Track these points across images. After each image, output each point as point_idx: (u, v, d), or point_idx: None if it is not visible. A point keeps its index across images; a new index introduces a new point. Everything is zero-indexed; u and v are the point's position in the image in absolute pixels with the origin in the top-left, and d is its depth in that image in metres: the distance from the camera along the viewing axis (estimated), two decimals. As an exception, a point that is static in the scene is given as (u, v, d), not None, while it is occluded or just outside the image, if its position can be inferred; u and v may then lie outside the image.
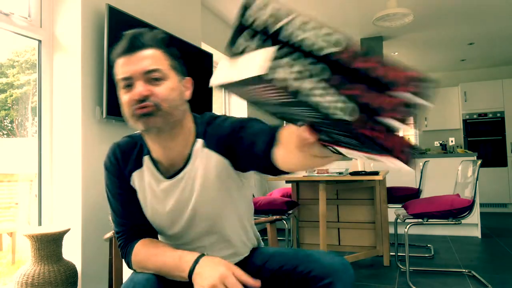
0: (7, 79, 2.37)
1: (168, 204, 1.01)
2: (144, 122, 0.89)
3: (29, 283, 1.72)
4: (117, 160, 1.03)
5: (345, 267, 0.97)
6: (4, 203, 2.49)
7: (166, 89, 0.90)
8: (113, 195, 1.04)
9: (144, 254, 0.97)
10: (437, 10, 4.04)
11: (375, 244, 3.12)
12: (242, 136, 0.91)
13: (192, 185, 0.98)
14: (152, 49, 0.92)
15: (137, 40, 0.91)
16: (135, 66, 0.89)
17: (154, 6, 2.68)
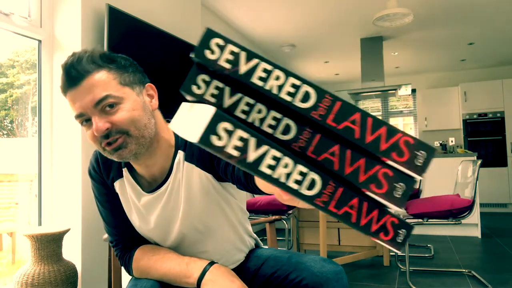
0: (7, 79, 2.37)
1: (151, 220, 0.97)
2: (118, 155, 0.84)
3: (29, 283, 1.72)
4: (100, 167, 0.99)
5: (337, 276, 0.93)
6: (4, 203, 2.49)
7: (126, 113, 0.82)
8: (101, 204, 1.01)
9: (146, 261, 0.94)
10: (437, 10, 4.04)
11: (375, 244, 3.12)
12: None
13: (176, 199, 0.94)
14: (94, 73, 0.81)
15: (74, 70, 0.80)
16: (83, 100, 0.80)
17: (154, 6, 2.68)
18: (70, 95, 0.82)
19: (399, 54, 5.70)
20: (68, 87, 0.81)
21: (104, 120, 0.81)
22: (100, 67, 0.83)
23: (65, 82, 0.81)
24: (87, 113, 0.81)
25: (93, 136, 0.83)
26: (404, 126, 7.26)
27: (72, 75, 0.80)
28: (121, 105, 0.82)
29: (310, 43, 5.12)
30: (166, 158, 0.93)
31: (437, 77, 6.98)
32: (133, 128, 0.83)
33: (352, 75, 6.98)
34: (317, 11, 4.03)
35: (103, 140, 0.82)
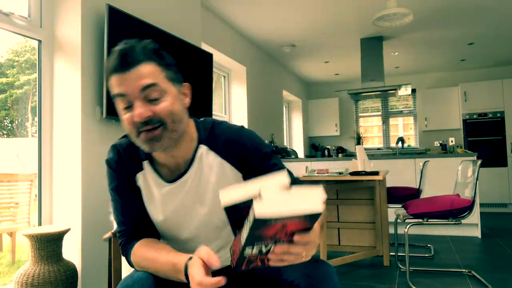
0: (7, 79, 2.37)
1: (170, 208, 1.00)
2: (150, 146, 0.89)
3: (29, 283, 1.72)
4: (122, 159, 1.02)
5: (328, 277, 0.94)
6: (4, 203, 2.49)
7: (167, 105, 0.88)
8: (117, 194, 1.02)
9: (141, 257, 0.96)
10: (437, 10, 4.04)
11: (375, 244, 3.12)
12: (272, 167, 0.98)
13: (196, 189, 0.99)
14: (145, 64, 0.87)
15: (128, 56, 0.86)
16: (130, 84, 0.85)
17: (154, 6, 2.68)
18: (118, 77, 0.86)
19: (399, 54, 5.70)
20: (119, 71, 0.86)
21: (147, 108, 0.86)
22: (151, 59, 0.88)
23: (117, 65, 0.86)
24: (131, 96, 0.86)
25: (131, 121, 0.87)
26: (404, 126, 7.27)
27: (125, 60, 0.86)
28: (164, 97, 0.88)
29: (310, 43, 5.12)
30: (188, 150, 0.98)
31: (437, 77, 6.98)
32: (170, 121, 0.88)
33: (352, 75, 6.98)
34: (317, 11, 4.03)
35: (141, 126, 0.86)
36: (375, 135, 7.46)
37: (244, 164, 0.99)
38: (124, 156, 1.02)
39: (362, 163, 2.86)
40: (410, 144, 7.12)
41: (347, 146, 7.40)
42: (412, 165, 4.29)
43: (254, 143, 1.00)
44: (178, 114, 0.90)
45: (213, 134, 1.00)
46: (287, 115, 7.05)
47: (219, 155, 0.99)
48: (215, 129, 1.01)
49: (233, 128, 1.02)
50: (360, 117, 7.50)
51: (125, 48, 0.87)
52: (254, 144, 0.99)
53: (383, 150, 7.16)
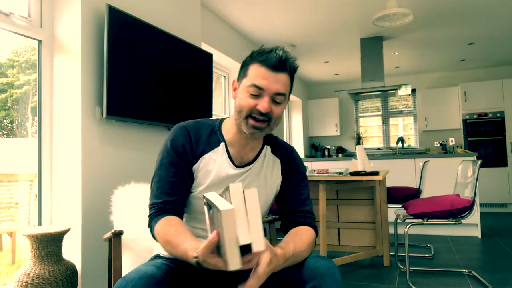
0: (7, 79, 2.37)
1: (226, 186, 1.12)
2: (252, 132, 1.08)
3: (29, 283, 1.72)
4: (190, 140, 1.14)
5: (330, 270, 0.98)
6: (4, 203, 2.49)
7: (280, 111, 1.09)
8: (166, 170, 1.12)
9: (165, 231, 1.02)
10: (437, 10, 4.04)
11: (375, 244, 3.12)
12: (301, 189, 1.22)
13: (254, 178, 1.17)
14: (287, 75, 1.08)
15: (285, 64, 1.06)
16: (273, 84, 1.05)
17: (154, 6, 2.68)
18: (267, 72, 1.05)
19: (399, 54, 5.70)
20: (272, 68, 1.05)
21: (271, 106, 1.07)
22: (291, 73, 1.10)
23: (274, 63, 1.04)
24: (266, 92, 1.05)
25: (252, 106, 1.06)
26: (404, 126, 7.27)
27: (281, 64, 1.05)
28: (281, 104, 1.10)
29: (310, 43, 5.12)
30: (258, 145, 1.20)
31: (437, 77, 6.98)
32: (274, 123, 1.10)
33: (352, 75, 6.98)
34: (317, 11, 4.03)
35: (257, 114, 1.06)
36: (375, 135, 7.46)
37: (286, 173, 1.22)
38: (195, 138, 1.15)
39: (362, 163, 2.86)
40: (410, 144, 7.12)
41: (347, 146, 7.40)
42: (412, 165, 4.29)
43: (299, 162, 1.26)
44: (280, 119, 1.13)
45: (275, 141, 1.26)
46: (287, 115, 7.05)
47: (277, 157, 1.22)
48: (277, 139, 1.27)
49: (289, 145, 1.30)
50: (360, 117, 7.50)
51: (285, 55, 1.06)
52: (298, 162, 1.25)
53: (383, 150, 7.17)
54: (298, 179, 1.22)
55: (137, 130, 2.45)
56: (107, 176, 2.18)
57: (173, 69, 2.67)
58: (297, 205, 1.17)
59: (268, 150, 1.22)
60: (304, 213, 1.16)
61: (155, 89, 2.50)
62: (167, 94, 2.62)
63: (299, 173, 1.23)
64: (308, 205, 1.19)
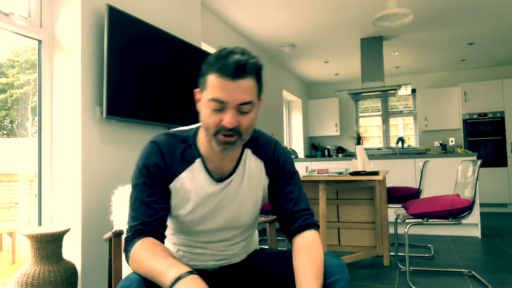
0: (7, 79, 2.37)
1: (210, 204, 1.07)
2: (224, 147, 0.98)
3: (29, 283, 1.72)
4: (163, 159, 1.04)
5: (341, 269, 0.98)
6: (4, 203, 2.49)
7: (250, 120, 0.98)
8: (141, 191, 1.02)
9: (140, 254, 0.94)
10: (437, 10, 4.04)
11: (375, 244, 3.12)
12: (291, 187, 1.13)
13: (237, 189, 1.09)
14: (250, 79, 0.95)
15: (244, 68, 0.93)
16: (233, 95, 0.93)
17: (154, 6, 2.68)
18: (224, 83, 0.92)
19: (399, 54, 5.70)
20: (229, 77, 0.92)
21: (236, 118, 0.95)
22: (254, 74, 0.97)
23: (230, 71, 0.92)
24: (228, 104, 0.93)
25: (217, 122, 0.95)
26: (404, 126, 7.27)
27: (239, 70, 0.92)
28: (251, 112, 0.98)
29: (310, 43, 5.12)
30: (236, 152, 1.09)
31: (437, 77, 6.98)
32: (246, 133, 0.99)
33: (352, 75, 6.98)
34: (317, 11, 4.03)
35: (224, 130, 0.95)
36: (375, 135, 7.46)
37: (272, 172, 1.13)
38: (166, 154, 1.05)
39: (362, 163, 2.86)
40: (410, 144, 7.12)
41: (347, 146, 7.40)
42: (412, 165, 4.29)
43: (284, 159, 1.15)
44: (253, 126, 1.02)
45: (256, 141, 1.13)
46: (287, 115, 7.05)
47: (260, 159, 1.12)
48: (257, 137, 1.14)
49: (271, 141, 1.17)
50: (360, 117, 7.50)
51: (242, 59, 0.93)
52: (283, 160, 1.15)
53: (383, 150, 7.16)
54: (286, 177, 1.13)
55: (137, 130, 2.45)
56: (107, 176, 2.18)
57: (173, 69, 2.67)
58: (291, 205, 1.10)
59: (248, 153, 1.12)
60: (300, 213, 1.10)
61: (155, 89, 2.50)
62: (167, 94, 2.62)
63: (286, 171, 1.14)
64: (302, 202, 1.12)
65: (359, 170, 2.80)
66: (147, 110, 2.42)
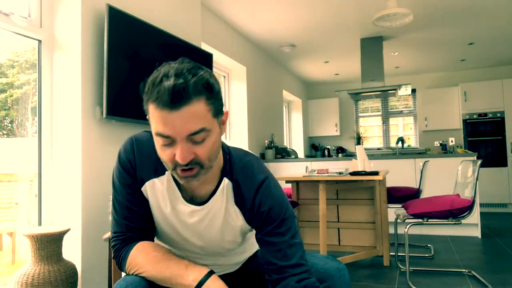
0: (7, 79, 2.37)
1: (180, 227, 0.98)
2: (186, 181, 0.85)
3: (29, 283, 1.72)
4: (135, 160, 0.95)
5: (340, 272, 0.97)
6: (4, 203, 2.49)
7: (209, 147, 0.83)
8: (121, 193, 0.96)
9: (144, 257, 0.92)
10: (437, 10, 4.04)
11: (375, 244, 3.12)
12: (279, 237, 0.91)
13: (211, 220, 0.96)
14: (196, 101, 0.78)
15: (180, 95, 0.76)
16: (178, 127, 0.78)
17: (154, 6, 2.68)
18: (165, 114, 0.78)
19: (399, 54, 5.70)
20: (167, 107, 0.77)
21: (190, 150, 0.81)
22: (201, 94, 0.79)
23: (166, 101, 0.77)
24: (176, 138, 0.79)
25: (171, 157, 0.82)
26: (404, 126, 7.27)
27: (176, 98, 0.76)
28: (207, 138, 0.82)
29: (310, 43, 5.12)
30: (214, 179, 0.94)
31: (437, 77, 6.98)
32: (207, 161, 0.84)
33: (352, 75, 6.98)
34: (317, 11, 4.03)
35: (180, 166, 0.82)
36: (375, 135, 7.46)
37: (252, 220, 0.96)
38: (140, 156, 0.95)
39: (362, 163, 2.86)
40: (410, 144, 7.12)
41: (347, 146, 7.40)
42: (412, 165, 4.29)
43: (270, 206, 0.93)
44: (216, 152, 0.86)
45: (238, 172, 0.95)
46: (287, 115, 7.05)
47: (235, 201, 0.95)
48: (242, 168, 0.96)
49: (255, 179, 0.95)
50: (360, 117, 7.50)
51: (178, 84, 0.76)
52: (268, 207, 0.93)
53: (383, 150, 7.16)
54: (270, 227, 0.92)
55: (137, 130, 2.45)
56: (107, 176, 2.18)
57: (173, 69, 2.66)
58: (277, 259, 0.90)
59: (226, 184, 0.95)
60: (289, 269, 0.89)
61: (155, 89, 2.49)
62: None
63: (270, 220, 0.92)
64: (292, 256, 0.90)
65: (359, 170, 2.80)
66: (147, 110, 2.42)
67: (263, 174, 0.95)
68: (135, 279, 0.90)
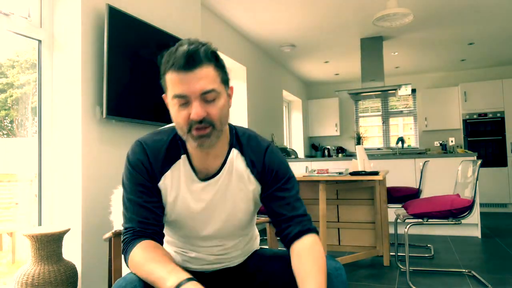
0: (7, 79, 2.37)
1: (198, 206, 1.04)
2: (200, 142, 0.93)
3: (29, 283, 1.72)
4: (148, 159, 1.02)
5: (337, 272, 0.98)
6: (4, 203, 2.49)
7: (219, 108, 0.94)
8: (132, 191, 1.01)
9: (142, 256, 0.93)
10: (437, 10, 4.04)
11: (375, 244, 3.12)
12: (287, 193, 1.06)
13: (225, 190, 1.04)
14: (206, 66, 0.92)
15: (193, 57, 0.90)
16: (192, 86, 0.90)
17: (154, 6, 2.68)
18: (180, 76, 0.90)
19: (399, 54, 5.70)
20: (182, 69, 0.90)
21: (203, 108, 0.91)
22: (211, 61, 0.93)
23: (181, 64, 0.90)
24: (190, 97, 0.91)
25: (186, 118, 0.92)
26: (404, 126, 7.27)
27: (190, 61, 0.90)
28: (218, 100, 0.94)
29: (310, 43, 5.12)
30: (222, 151, 1.04)
31: (437, 77, 6.98)
32: (219, 123, 0.95)
33: (352, 75, 6.98)
34: (317, 11, 4.03)
35: (195, 124, 0.92)
36: (375, 135, 7.46)
37: (263, 179, 1.06)
38: (151, 154, 1.02)
39: (362, 163, 2.86)
40: (410, 144, 7.12)
41: (347, 146, 7.40)
42: (412, 165, 4.29)
43: (277, 163, 1.07)
44: (225, 115, 0.98)
45: (244, 143, 1.07)
46: (287, 115, 7.05)
47: (246, 165, 1.06)
48: (247, 139, 1.08)
49: (261, 145, 1.09)
50: (360, 117, 7.50)
51: (191, 49, 0.90)
52: (276, 164, 1.07)
53: (383, 150, 7.16)
54: (280, 183, 1.05)
55: (137, 130, 2.45)
56: (107, 176, 2.18)
57: (173, 69, 2.67)
58: (287, 211, 1.04)
59: (235, 154, 1.06)
60: (298, 218, 1.04)
61: (155, 89, 2.50)
62: (167, 94, 2.62)
63: (279, 177, 1.06)
64: (299, 208, 1.05)
65: (359, 170, 2.80)
66: (147, 110, 2.42)
67: (266, 142, 1.11)
68: (135, 278, 0.91)
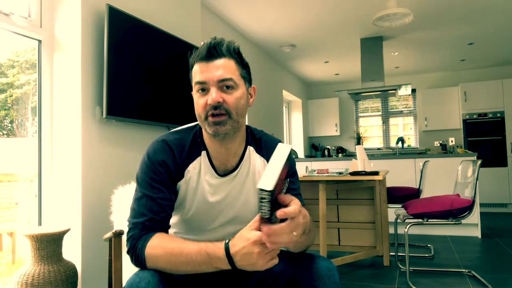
0: (7, 79, 2.37)
1: (214, 200, 1.10)
2: (215, 129, 1.00)
3: (29, 283, 1.72)
4: (172, 157, 1.06)
5: (330, 272, 0.98)
6: (4, 203, 2.49)
7: (236, 98, 1.02)
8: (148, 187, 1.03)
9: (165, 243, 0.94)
10: (437, 10, 4.04)
11: (375, 244, 3.12)
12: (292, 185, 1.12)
13: (242, 186, 1.11)
14: (227, 59, 1.02)
15: (215, 50, 1.01)
16: (211, 73, 1.00)
17: (154, 6, 2.68)
18: (202, 65, 1.01)
19: (399, 54, 5.70)
20: (204, 59, 1.01)
21: (219, 95, 1.00)
22: (232, 56, 1.04)
23: (204, 54, 1.01)
24: (209, 84, 1.00)
25: (204, 104, 1.01)
26: (404, 126, 7.27)
27: (212, 52, 1.01)
28: (235, 90, 1.02)
29: (310, 43, 5.12)
30: (240, 147, 1.11)
31: (437, 77, 6.98)
32: (235, 112, 1.01)
33: (352, 75, 6.98)
34: (317, 11, 4.03)
35: (211, 110, 1.00)
36: (375, 135, 7.46)
37: None
38: (177, 151, 1.07)
39: (362, 163, 2.86)
40: (410, 144, 7.12)
41: (347, 146, 7.40)
42: (412, 165, 4.29)
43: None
44: (242, 108, 1.04)
45: (259, 140, 1.17)
46: (287, 115, 7.05)
47: (263, 157, 1.15)
48: (261, 137, 1.18)
49: (274, 140, 1.20)
50: (360, 117, 7.50)
51: (214, 41, 1.02)
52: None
53: (383, 150, 7.16)
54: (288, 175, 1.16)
55: (137, 130, 2.45)
56: (107, 176, 2.18)
57: (173, 69, 2.66)
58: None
59: (251, 151, 1.14)
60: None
61: (155, 89, 2.50)
62: (167, 94, 2.62)
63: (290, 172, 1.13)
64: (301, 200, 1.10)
65: (359, 170, 2.80)
66: (147, 110, 2.42)
67: (276, 139, 1.21)
68: (147, 274, 0.91)
